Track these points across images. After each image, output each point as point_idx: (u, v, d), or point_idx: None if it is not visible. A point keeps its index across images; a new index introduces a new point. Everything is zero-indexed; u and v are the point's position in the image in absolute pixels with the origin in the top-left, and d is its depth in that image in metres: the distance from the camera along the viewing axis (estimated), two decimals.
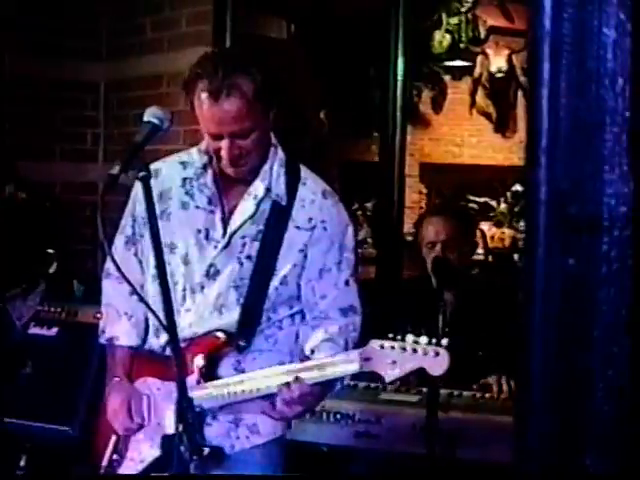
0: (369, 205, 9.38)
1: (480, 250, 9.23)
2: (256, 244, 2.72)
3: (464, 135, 10.25)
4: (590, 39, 0.93)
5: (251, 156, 2.68)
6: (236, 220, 2.73)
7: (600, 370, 0.93)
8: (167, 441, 2.64)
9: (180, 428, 2.07)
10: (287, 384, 2.58)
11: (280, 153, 2.79)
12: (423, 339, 2.55)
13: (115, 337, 2.89)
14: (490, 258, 8.65)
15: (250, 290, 2.72)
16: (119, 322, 2.88)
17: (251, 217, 2.73)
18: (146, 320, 2.87)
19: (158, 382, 2.74)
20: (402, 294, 4.34)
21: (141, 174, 2.35)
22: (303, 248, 2.73)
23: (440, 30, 8.77)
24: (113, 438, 2.84)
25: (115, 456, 2.84)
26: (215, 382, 2.68)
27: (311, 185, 2.79)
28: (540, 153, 0.93)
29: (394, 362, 2.53)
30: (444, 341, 2.55)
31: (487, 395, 3.71)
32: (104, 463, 2.84)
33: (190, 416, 2.08)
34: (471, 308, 3.96)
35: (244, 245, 2.73)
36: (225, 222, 2.75)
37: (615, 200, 0.92)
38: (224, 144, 2.62)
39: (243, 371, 2.72)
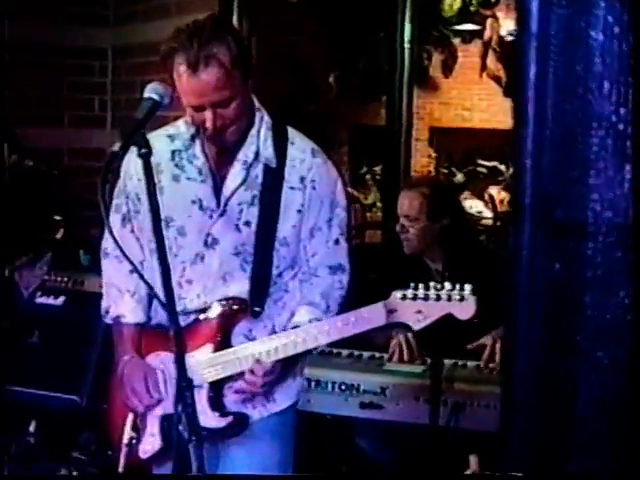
0: (378, 169, 9.36)
1: (489, 214, 9.22)
2: (253, 209, 2.72)
3: (474, 99, 10.18)
4: (577, 42, 0.91)
5: (235, 124, 2.67)
6: (229, 187, 2.74)
7: (584, 374, 0.93)
8: (166, 421, 2.66)
9: (179, 408, 2.08)
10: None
11: (266, 117, 2.77)
12: (447, 285, 2.54)
13: (121, 315, 2.88)
14: (499, 222, 8.64)
15: (256, 255, 2.73)
16: (122, 300, 2.88)
17: (243, 183, 2.73)
18: (149, 296, 2.87)
19: (170, 355, 2.74)
20: (405, 260, 4.33)
21: (142, 151, 2.34)
22: (300, 208, 2.74)
23: None
24: (130, 416, 2.84)
25: (134, 434, 2.83)
26: (230, 350, 2.71)
27: (299, 144, 2.78)
28: (525, 157, 0.93)
29: (419, 311, 2.53)
30: (467, 286, 2.54)
31: (491, 365, 3.71)
32: (124, 441, 2.83)
33: (189, 395, 2.09)
34: (468, 280, 3.94)
35: (241, 211, 2.73)
36: (217, 191, 2.75)
37: (600, 205, 0.92)
38: (207, 115, 2.61)
39: (254, 339, 2.74)
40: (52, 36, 6.12)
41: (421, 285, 2.56)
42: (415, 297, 2.54)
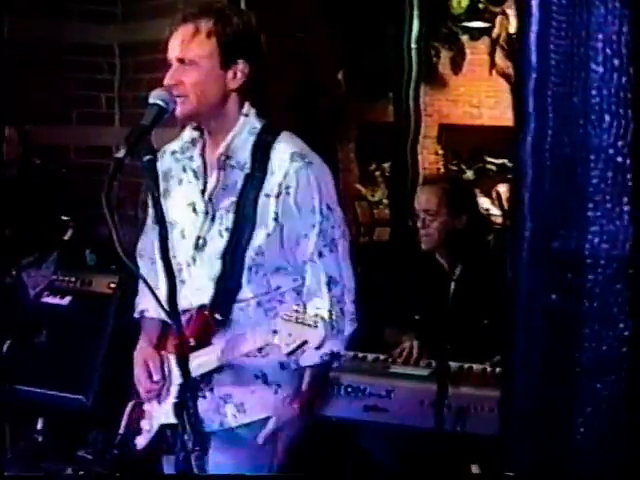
0: (386, 166, 9.36)
1: (497, 212, 9.20)
2: (231, 215, 2.74)
3: (482, 96, 10.16)
4: (577, 74, 0.91)
5: (188, 95, 2.64)
6: (208, 190, 2.76)
7: (582, 406, 0.93)
8: (169, 430, 2.66)
9: (185, 418, 2.08)
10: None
11: (253, 121, 2.75)
12: (309, 309, 2.54)
13: (145, 309, 2.93)
14: (508, 221, 8.62)
15: (225, 262, 2.73)
16: (150, 296, 2.91)
17: (216, 185, 2.74)
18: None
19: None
20: (411, 261, 4.33)
21: (147, 157, 2.35)
22: (275, 216, 2.70)
23: None
24: (129, 406, 2.88)
25: (133, 422, 2.87)
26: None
27: (280, 148, 2.72)
28: (525, 189, 0.93)
29: (290, 334, 2.51)
30: (323, 312, 2.54)
31: (498, 369, 3.71)
32: (121, 431, 2.86)
33: (192, 406, 2.10)
34: (479, 279, 3.95)
35: (222, 217, 2.75)
36: (204, 194, 2.77)
37: (599, 237, 0.92)
38: (170, 70, 2.67)
39: None
40: (59, 33, 6.14)
41: (299, 306, 2.56)
42: (295, 319, 2.51)
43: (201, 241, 2.77)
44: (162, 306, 2.27)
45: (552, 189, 0.93)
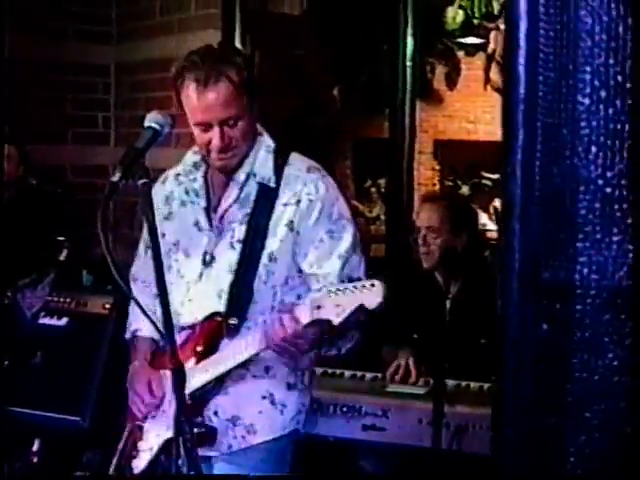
0: (382, 182, 9.37)
1: (493, 227, 9.21)
2: (243, 227, 2.79)
3: (478, 111, 10.17)
4: (565, 106, 0.92)
5: (239, 147, 2.76)
6: (222, 207, 2.83)
7: (572, 436, 0.93)
8: (164, 452, 2.67)
9: (179, 442, 2.09)
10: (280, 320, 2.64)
11: (267, 140, 2.86)
12: (362, 280, 2.63)
13: (138, 329, 2.98)
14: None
15: (239, 269, 2.78)
16: (142, 317, 2.94)
17: (235, 201, 2.81)
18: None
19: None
20: (409, 279, 4.33)
21: (141, 181, 2.35)
22: (288, 223, 2.77)
23: (453, 6, 8.71)
24: (127, 428, 2.88)
25: (129, 447, 2.87)
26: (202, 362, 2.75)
27: (296, 164, 2.85)
28: (514, 220, 0.93)
29: (338, 305, 2.57)
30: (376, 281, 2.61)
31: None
32: (117, 454, 2.87)
33: (188, 430, 2.10)
34: (476, 297, 3.95)
35: (234, 230, 2.81)
36: (208, 211, 2.85)
37: (588, 268, 0.92)
38: (214, 132, 2.69)
39: None
40: (55, 53, 6.16)
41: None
42: (337, 292, 2.59)
43: (208, 257, 2.82)
44: (157, 328, 2.28)
45: (541, 220, 0.94)
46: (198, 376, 2.73)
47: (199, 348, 2.78)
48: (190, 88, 2.67)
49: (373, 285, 2.56)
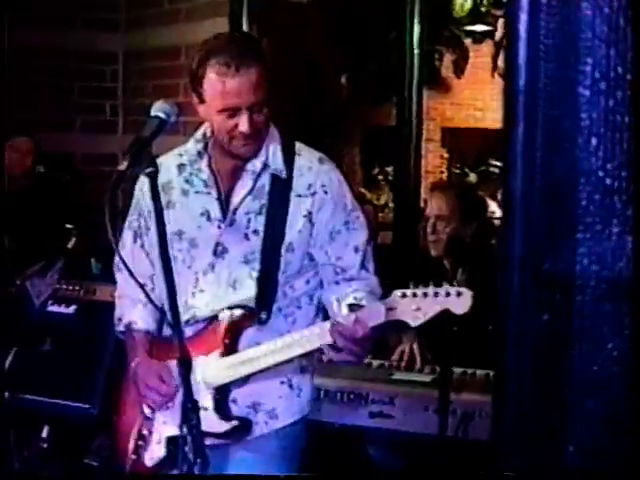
0: (390, 169, 9.36)
1: (500, 214, 9.19)
2: (261, 218, 2.78)
3: (486, 99, 10.16)
4: (566, 98, 0.92)
5: (262, 134, 2.75)
6: (236, 197, 2.80)
7: (572, 426, 0.94)
8: (172, 442, 2.68)
9: (185, 430, 2.10)
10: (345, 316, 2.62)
11: (275, 132, 2.85)
12: (445, 284, 2.58)
13: (133, 322, 2.95)
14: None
15: (263, 262, 2.78)
16: (135, 308, 2.94)
17: (250, 192, 2.79)
18: (161, 309, 2.91)
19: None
20: (415, 265, 4.34)
21: (148, 170, 2.36)
22: (306, 214, 2.78)
23: None
24: (138, 421, 2.88)
25: (140, 442, 2.87)
26: (238, 355, 2.74)
27: (306, 154, 2.86)
28: (515, 211, 0.94)
29: (418, 308, 2.56)
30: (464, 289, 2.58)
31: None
32: (130, 448, 2.87)
33: (195, 417, 2.11)
34: (483, 283, 3.94)
35: (249, 220, 2.80)
36: (222, 201, 2.82)
37: (588, 259, 0.93)
38: (242, 118, 2.67)
39: None
40: (63, 41, 6.16)
41: (421, 284, 2.59)
42: (414, 295, 2.57)
43: (220, 248, 2.80)
44: (170, 324, 2.29)
45: (542, 211, 0.94)
46: (230, 370, 2.73)
47: (227, 341, 2.75)
48: (218, 72, 2.63)
49: (460, 294, 2.55)
